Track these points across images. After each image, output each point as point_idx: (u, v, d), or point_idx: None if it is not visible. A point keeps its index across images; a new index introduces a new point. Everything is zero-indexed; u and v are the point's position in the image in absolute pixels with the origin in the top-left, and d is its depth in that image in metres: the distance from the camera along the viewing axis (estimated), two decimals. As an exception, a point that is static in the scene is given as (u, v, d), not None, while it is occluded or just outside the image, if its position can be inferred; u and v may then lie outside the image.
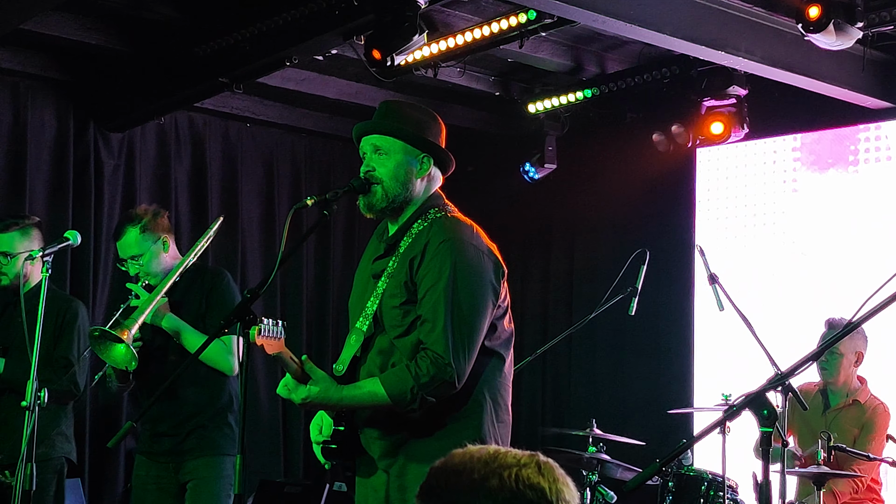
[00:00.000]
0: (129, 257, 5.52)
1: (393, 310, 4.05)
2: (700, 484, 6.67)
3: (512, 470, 2.15)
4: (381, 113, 4.22)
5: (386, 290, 4.08)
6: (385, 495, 4.06)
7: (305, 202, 4.08)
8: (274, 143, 9.96)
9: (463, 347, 3.95)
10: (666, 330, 9.51)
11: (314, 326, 10.05)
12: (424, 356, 3.93)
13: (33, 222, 6.26)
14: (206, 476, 5.48)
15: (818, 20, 6.52)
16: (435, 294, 3.97)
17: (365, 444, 4.12)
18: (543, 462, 2.19)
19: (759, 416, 3.12)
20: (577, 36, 8.24)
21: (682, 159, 9.43)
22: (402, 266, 4.07)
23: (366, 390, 3.98)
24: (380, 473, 4.08)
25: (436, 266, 3.99)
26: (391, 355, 4.05)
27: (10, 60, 8.28)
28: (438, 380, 3.90)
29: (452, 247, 4.01)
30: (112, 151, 8.95)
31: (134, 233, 5.51)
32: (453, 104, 9.41)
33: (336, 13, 7.07)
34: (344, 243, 10.12)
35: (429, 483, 2.24)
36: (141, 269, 5.50)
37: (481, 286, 4.03)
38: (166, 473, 5.55)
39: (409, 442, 4.03)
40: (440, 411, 4.00)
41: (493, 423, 4.07)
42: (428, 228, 4.10)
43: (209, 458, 5.49)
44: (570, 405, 10.06)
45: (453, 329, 3.94)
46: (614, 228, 9.90)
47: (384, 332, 4.08)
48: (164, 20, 7.78)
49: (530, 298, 10.53)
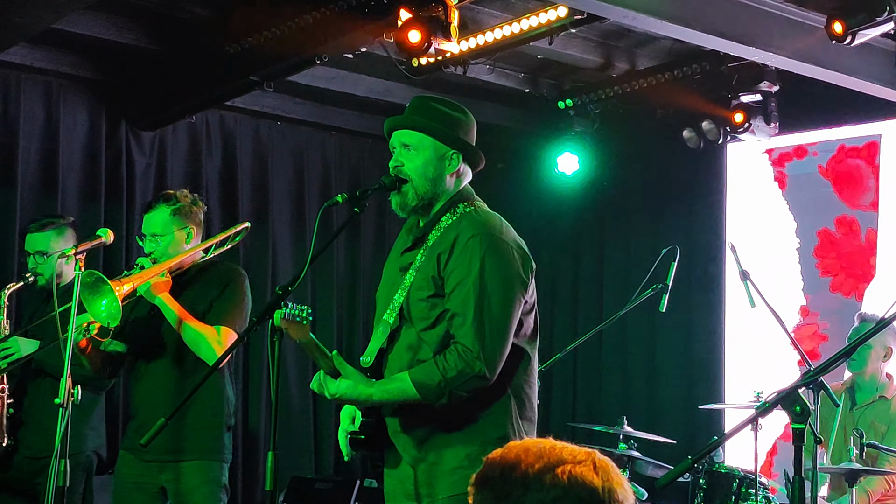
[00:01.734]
0: (151, 234, 5.43)
1: (420, 302, 4.05)
2: (731, 481, 6.65)
3: (566, 466, 2.15)
4: (412, 108, 4.23)
5: (413, 282, 4.08)
6: (414, 489, 4.06)
7: (336, 200, 4.09)
8: (304, 141, 9.99)
9: (493, 340, 3.94)
10: (697, 327, 9.49)
11: (345, 322, 10.07)
12: (453, 350, 3.94)
13: (68, 222, 6.29)
14: (192, 484, 5.30)
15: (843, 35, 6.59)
16: (465, 288, 3.97)
17: (392, 436, 4.12)
18: (599, 460, 2.19)
19: (792, 413, 3.11)
20: (607, 32, 8.22)
21: (713, 156, 9.40)
22: (429, 259, 4.07)
23: (395, 386, 3.98)
24: (406, 466, 4.09)
25: (465, 260, 4.00)
26: (419, 350, 4.05)
27: (43, 60, 8.32)
28: (467, 374, 3.90)
29: (482, 241, 4.01)
30: (144, 150, 9.00)
31: (164, 212, 5.43)
32: (483, 101, 9.40)
33: (366, 11, 7.08)
34: (374, 239, 10.14)
35: (484, 473, 2.24)
36: (157, 249, 5.39)
37: (511, 280, 4.03)
38: (148, 473, 5.36)
39: (434, 437, 4.03)
40: (465, 407, 3.99)
41: (517, 419, 4.06)
42: (457, 223, 4.10)
43: (197, 462, 5.33)
44: (601, 402, 10.04)
45: (483, 322, 3.94)
46: (645, 225, 9.88)
47: (411, 325, 4.08)
48: (195, 19, 7.82)
49: (561, 295, 10.52)
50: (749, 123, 8.45)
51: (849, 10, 6.62)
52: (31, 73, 8.39)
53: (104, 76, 8.68)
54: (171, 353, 5.38)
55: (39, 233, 6.13)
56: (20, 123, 8.32)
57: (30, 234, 6.18)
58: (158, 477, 5.36)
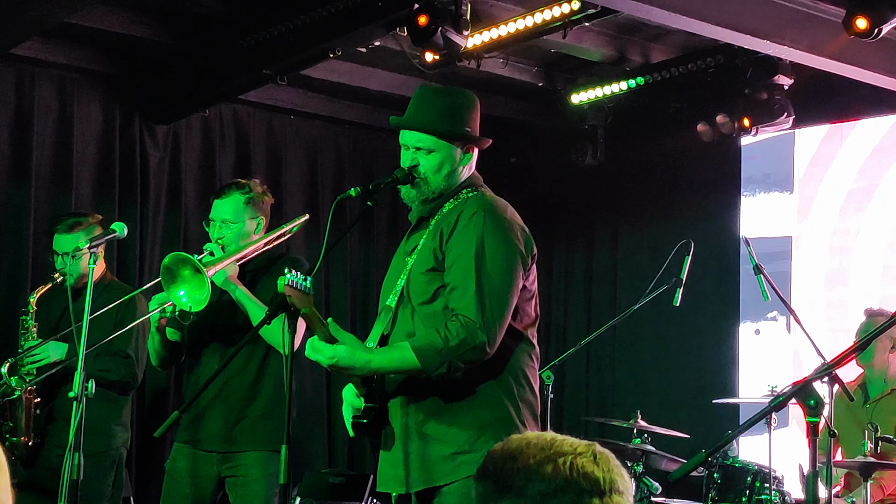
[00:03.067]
0: (221, 220, 5.27)
1: (420, 276, 4.07)
2: (746, 475, 6.64)
3: (567, 458, 2.17)
4: (418, 103, 4.22)
5: (415, 262, 4.10)
6: (405, 472, 4.04)
7: (349, 193, 4.10)
8: (317, 134, 9.99)
9: (493, 312, 3.94)
10: (711, 321, 9.47)
11: (358, 315, 10.08)
12: (455, 319, 3.93)
13: (97, 220, 6.20)
14: (255, 476, 5.18)
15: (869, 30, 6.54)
16: (465, 260, 3.98)
17: (390, 418, 4.11)
18: (599, 452, 2.21)
19: (806, 407, 3.11)
20: (620, 26, 8.21)
21: (727, 149, 9.38)
22: (432, 237, 4.09)
23: (395, 353, 3.98)
24: (399, 448, 4.07)
25: (466, 235, 4.01)
26: (415, 328, 4.04)
27: (57, 54, 8.34)
28: (469, 343, 3.89)
29: (484, 217, 4.03)
30: (157, 144, 9.01)
31: (238, 199, 5.30)
32: (496, 95, 9.40)
33: (379, 4, 7.08)
34: (387, 232, 10.14)
35: (485, 465, 2.26)
36: (225, 237, 5.25)
37: (512, 254, 4.04)
38: (206, 464, 5.24)
39: (430, 419, 4.02)
40: (463, 389, 3.99)
41: (516, 403, 4.04)
42: (462, 203, 4.12)
43: (259, 454, 5.19)
44: (615, 396, 10.04)
45: (484, 294, 3.94)
46: (659, 219, 9.87)
47: (408, 304, 4.08)
48: (208, 13, 7.83)
49: (574, 289, 10.52)
50: (763, 117, 8.44)
51: (871, 4, 6.55)
52: (44, 67, 8.40)
53: (118, 70, 8.69)
54: (229, 344, 5.26)
55: (69, 234, 6.06)
56: (34, 117, 8.34)
57: (58, 235, 6.12)
58: (217, 468, 5.24)
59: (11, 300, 7.90)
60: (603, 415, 9.43)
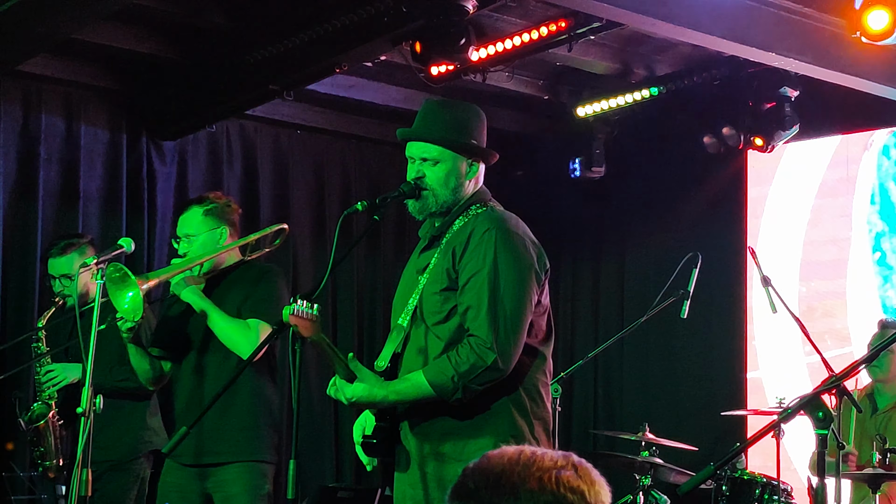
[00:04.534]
0: (184, 235, 5.35)
1: (433, 296, 4.07)
2: (754, 488, 6.62)
3: (551, 473, 2.16)
4: (424, 116, 4.23)
5: (427, 281, 4.10)
6: (423, 493, 4.05)
7: (356, 207, 4.10)
8: (324, 149, 10.01)
9: (507, 331, 3.95)
10: (718, 333, 9.46)
11: (365, 330, 10.08)
12: (465, 344, 3.94)
13: (87, 240, 6.36)
14: (235, 491, 5.15)
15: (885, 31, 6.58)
16: (479, 280, 3.99)
17: (403, 439, 4.12)
18: (578, 463, 2.20)
19: (815, 419, 3.11)
20: (625, 39, 8.23)
21: (733, 161, 9.38)
22: (444, 256, 4.09)
23: (410, 383, 3.99)
24: (415, 470, 4.07)
25: (479, 253, 4.01)
26: (428, 348, 4.05)
27: (63, 70, 8.36)
28: (480, 366, 3.90)
29: (496, 234, 4.03)
30: (164, 159, 9.02)
31: (197, 212, 5.36)
32: (502, 108, 9.41)
33: (385, 20, 7.09)
34: (394, 247, 10.15)
35: (465, 485, 2.22)
36: (190, 250, 5.30)
37: (525, 272, 4.05)
38: (190, 479, 5.22)
39: (447, 438, 4.03)
40: (476, 407, 4.00)
41: (529, 419, 4.06)
42: (472, 220, 4.12)
43: (239, 466, 5.17)
44: (623, 409, 10.02)
45: (497, 314, 3.95)
46: (665, 231, 9.86)
47: (422, 324, 4.08)
48: (215, 28, 7.85)
49: (581, 302, 10.51)
50: (769, 128, 8.43)
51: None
52: (51, 84, 8.42)
53: (124, 86, 8.71)
54: (208, 354, 5.27)
55: (62, 256, 6.19)
56: (41, 133, 8.35)
57: (52, 259, 6.23)
58: (201, 483, 5.23)
59: (19, 317, 7.94)
60: (611, 427, 9.42)
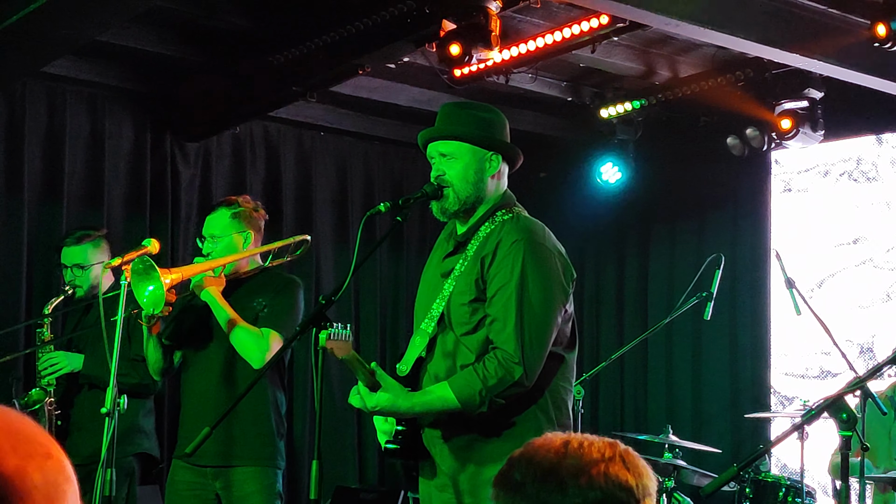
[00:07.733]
0: (209, 235, 5.41)
1: (461, 307, 4.06)
2: (778, 490, 6.61)
3: (599, 466, 2.11)
4: (442, 117, 4.25)
5: (454, 289, 4.09)
6: (455, 500, 4.05)
7: (379, 209, 4.10)
8: (347, 150, 10.03)
9: (533, 346, 3.95)
10: (742, 335, 9.43)
11: (388, 331, 10.10)
12: (492, 357, 3.94)
13: (102, 234, 6.38)
14: (249, 490, 5.23)
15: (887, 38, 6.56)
16: (506, 293, 3.98)
17: (428, 445, 4.12)
18: (625, 452, 2.16)
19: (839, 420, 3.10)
20: (649, 40, 8.20)
21: (757, 163, 9.36)
22: (472, 265, 4.08)
23: (435, 395, 3.98)
24: (443, 476, 4.08)
25: (507, 265, 4.00)
26: (457, 356, 4.05)
27: (88, 72, 8.39)
28: (507, 381, 3.90)
29: (524, 246, 4.02)
30: (188, 161, 9.06)
31: (224, 214, 5.43)
32: (525, 110, 9.40)
33: (408, 21, 7.09)
34: (417, 248, 10.17)
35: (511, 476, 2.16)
36: (214, 251, 5.37)
37: (552, 286, 4.04)
38: (202, 479, 5.30)
39: (473, 445, 4.03)
40: (503, 413, 3.99)
41: (553, 427, 4.03)
42: (498, 228, 4.11)
43: (251, 469, 5.26)
44: (648, 410, 10.00)
45: (524, 328, 3.94)
46: (689, 233, 9.84)
47: (450, 332, 4.08)
48: (238, 31, 7.87)
49: (606, 304, 10.49)
50: (796, 130, 8.40)
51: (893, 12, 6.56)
52: (76, 86, 8.46)
53: (149, 88, 8.74)
54: (220, 357, 5.33)
55: (77, 246, 6.22)
56: (66, 135, 8.39)
57: (66, 248, 6.27)
58: (212, 483, 5.30)
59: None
60: (635, 430, 9.41)
